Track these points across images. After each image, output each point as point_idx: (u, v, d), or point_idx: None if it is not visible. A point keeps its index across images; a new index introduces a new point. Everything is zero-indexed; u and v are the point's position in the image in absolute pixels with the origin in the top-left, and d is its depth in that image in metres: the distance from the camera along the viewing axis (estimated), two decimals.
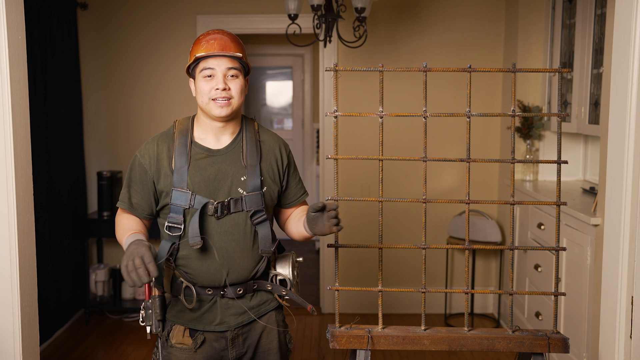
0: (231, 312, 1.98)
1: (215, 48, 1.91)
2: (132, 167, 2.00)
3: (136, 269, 1.72)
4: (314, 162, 6.75)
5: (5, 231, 2.23)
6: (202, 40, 1.94)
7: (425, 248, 1.91)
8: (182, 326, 1.97)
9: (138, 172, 1.98)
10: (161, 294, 1.93)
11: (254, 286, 2.01)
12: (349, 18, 4.10)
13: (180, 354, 1.96)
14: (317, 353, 3.91)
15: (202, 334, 1.97)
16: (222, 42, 1.92)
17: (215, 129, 1.98)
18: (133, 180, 1.99)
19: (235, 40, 1.96)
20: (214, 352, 1.98)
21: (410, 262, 4.54)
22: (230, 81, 1.92)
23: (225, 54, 1.91)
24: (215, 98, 1.91)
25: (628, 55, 2.16)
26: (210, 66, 1.91)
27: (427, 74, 1.87)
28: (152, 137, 2.02)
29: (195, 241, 1.88)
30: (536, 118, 4.12)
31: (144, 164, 1.97)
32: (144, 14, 4.52)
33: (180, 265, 1.96)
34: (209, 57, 1.91)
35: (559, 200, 1.90)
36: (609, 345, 2.28)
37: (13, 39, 2.23)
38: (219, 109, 1.92)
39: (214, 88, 1.91)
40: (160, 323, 1.92)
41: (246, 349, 2.03)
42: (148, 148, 1.98)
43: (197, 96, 1.95)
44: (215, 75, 1.91)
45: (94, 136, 4.61)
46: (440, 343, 1.89)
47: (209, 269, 1.94)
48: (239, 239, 1.95)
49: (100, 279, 4.43)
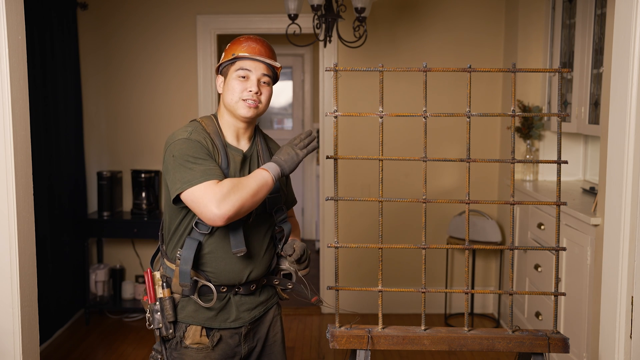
0: (245, 308, 2.02)
1: (256, 52, 1.95)
2: (197, 149, 1.85)
3: (301, 140, 1.90)
4: (314, 162, 6.75)
5: (5, 231, 2.23)
6: (243, 42, 1.98)
7: (425, 248, 1.91)
8: (198, 326, 1.97)
9: (206, 151, 1.88)
10: (171, 295, 1.94)
11: (264, 282, 2.07)
12: (349, 18, 4.10)
13: (196, 354, 1.96)
14: (317, 353, 3.91)
15: (218, 332, 1.98)
16: (262, 49, 1.97)
17: (237, 130, 2.00)
18: (204, 156, 1.85)
19: (272, 50, 2.02)
20: (229, 348, 2.01)
21: (410, 262, 4.54)
22: (262, 87, 1.96)
23: (265, 61, 1.96)
24: (246, 99, 1.93)
25: (628, 55, 2.16)
26: (247, 67, 1.94)
27: (427, 74, 1.87)
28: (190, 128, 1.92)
29: (240, 248, 1.90)
30: (536, 118, 4.12)
31: (206, 147, 1.89)
32: (143, 14, 4.52)
33: (201, 264, 1.96)
34: (248, 59, 1.95)
35: (559, 200, 1.90)
36: (609, 345, 2.28)
37: (13, 39, 2.23)
38: (246, 109, 1.94)
39: (247, 90, 1.93)
40: (171, 325, 1.93)
41: (256, 343, 2.08)
42: (200, 135, 1.90)
43: (226, 94, 1.96)
44: (249, 77, 1.95)
45: (94, 136, 4.61)
46: (440, 343, 1.89)
47: (233, 268, 1.96)
48: (260, 239, 2.01)
49: (100, 279, 4.43)
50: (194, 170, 1.80)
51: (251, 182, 1.81)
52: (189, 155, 1.83)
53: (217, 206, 1.75)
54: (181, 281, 1.90)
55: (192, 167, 1.81)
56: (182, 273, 1.90)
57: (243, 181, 1.81)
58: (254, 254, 1.99)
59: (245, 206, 1.79)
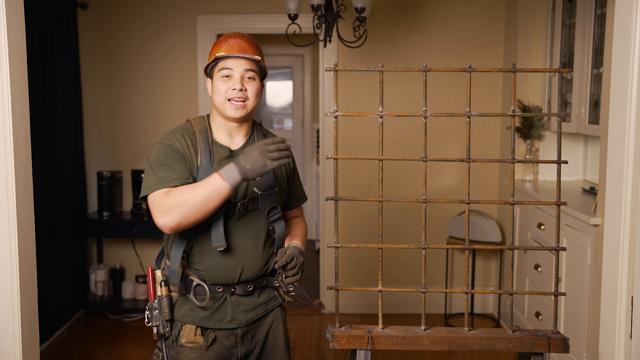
0: (241, 309, 2.00)
1: (235, 49, 1.95)
2: (166, 154, 1.90)
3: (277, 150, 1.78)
4: (314, 162, 6.75)
5: (5, 231, 2.23)
6: (222, 41, 1.99)
7: (425, 248, 1.91)
8: (192, 325, 1.97)
9: (176, 155, 1.91)
10: (168, 293, 1.94)
11: (263, 283, 2.04)
12: (349, 18, 4.10)
13: (190, 353, 1.96)
14: (317, 353, 3.91)
15: (213, 331, 1.98)
16: (241, 44, 1.97)
17: (230, 129, 2.00)
18: (173, 164, 1.89)
19: (254, 43, 2.01)
20: (225, 349, 2.00)
21: (410, 262, 4.54)
22: (247, 83, 1.96)
23: (244, 56, 1.95)
24: (231, 98, 1.94)
25: (628, 55, 2.15)
26: (228, 66, 1.95)
27: (427, 74, 1.87)
28: (172, 129, 1.97)
29: (220, 243, 1.90)
30: (536, 118, 4.12)
31: (179, 149, 1.91)
32: (143, 14, 4.52)
33: (193, 262, 1.97)
34: (228, 58, 1.95)
35: (559, 200, 1.90)
36: (609, 345, 2.28)
37: (13, 39, 2.23)
38: (234, 110, 1.94)
39: (231, 88, 1.94)
40: (168, 323, 1.94)
41: (254, 345, 2.05)
42: (176, 137, 1.94)
43: (214, 95, 1.98)
44: (232, 75, 1.95)
45: (94, 136, 4.61)
46: (440, 343, 1.89)
47: (224, 266, 1.95)
48: (253, 237, 1.99)
49: (100, 279, 4.43)
50: (154, 178, 1.87)
51: (199, 193, 1.79)
52: (157, 161, 1.90)
53: (161, 216, 1.82)
54: (171, 280, 1.94)
55: (156, 173, 1.88)
56: (171, 272, 1.94)
57: (191, 191, 1.80)
58: (244, 253, 1.96)
59: (189, 217, 1.80)
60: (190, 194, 1.80)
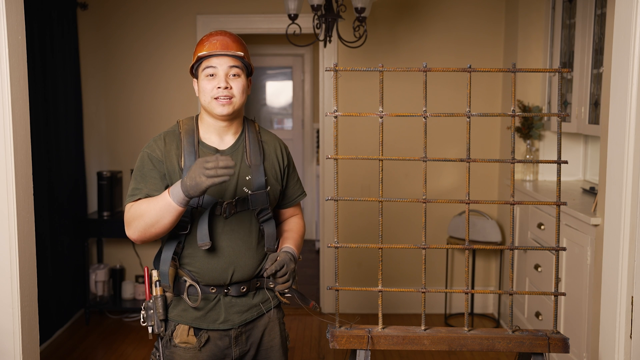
0: (235, 310, 1.99)
1: (217, 47, 1.94)
2: (143, 163, 1.96)
3: (216, 167, 1.72)
4: (314, 162, 6.75)
5: (5, 231, 2.23)
6: (205, 40, 1.98)
7: (425, 248, 1.91)
8: (186, 325, 1.97)
9: (151, 165, 1.95)
10: (163, 293, 1.94)
11: (257, 284, 2.03)
12: (349, 18, 4.10)
13: (184, 353, 1.96)
14: (317, 353, 3.91)
15: (206, 332, 1.97)
16: (224, 41, 1.95)
17: (218, 129, 2.00)
18: (146, 174, 1.94)
19: (237, 40, 1.99)
20: (218, 350, 1.99)
21: (410, 262, 4.54)
22: (232, 80, 1.95)
23: (227, 53, 1.94)
24: (217, 97, 1.93)
25: (628, 55, 2.16)
26: (212, 65, 1.94)
27: (427, 74, 1.87)
28: (157, 135, 2.01)
29: (204, 242, 1.90)
30: (536, 118, 4.12)
31: (157, 157, 1.95)
32: (143, 14, 4.52)
33: (184, 263, 1.97)
34: (211, 57, 1.94)
35: (559, 200, 1.90)
36: (609, 345, 2.28)
37: (13, 39, 2.23)
38: (220, 107, 1.93)
39: (216, 87, 1.93)
40: (162, 323, 1.94)
41: (249, 347, 2.04)
42: (157, 144, 1.97)
43: (200, 95, 1.97)
44: (217, 74, 1.94)
45: (94, 136, 4.61)
46: (440, 343, 1.89)
47: (214, 267, 1.94)
48: (244, 238, 1.97)
49: (100, 279, 4.43)
50: (129, 189, 1.95)
51: (151, 210, 1.84)
52: (135, 171, 1.97)
53: (126, 228, 1.92)
54: (161, 283, 1.95)
55: (132, 184, 1.96)
56: (161, 274, 1.95)
57: (145, 207, 1.86)
58: (235, 254, 1.95)
59: (149, 232, 1.86)
60: (145, 209, 1.86)
